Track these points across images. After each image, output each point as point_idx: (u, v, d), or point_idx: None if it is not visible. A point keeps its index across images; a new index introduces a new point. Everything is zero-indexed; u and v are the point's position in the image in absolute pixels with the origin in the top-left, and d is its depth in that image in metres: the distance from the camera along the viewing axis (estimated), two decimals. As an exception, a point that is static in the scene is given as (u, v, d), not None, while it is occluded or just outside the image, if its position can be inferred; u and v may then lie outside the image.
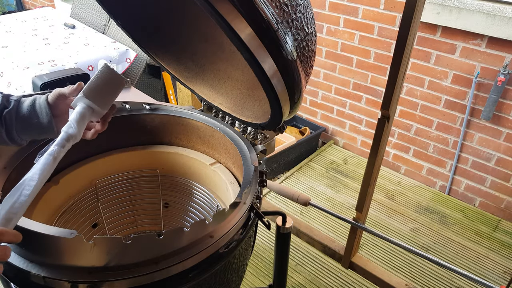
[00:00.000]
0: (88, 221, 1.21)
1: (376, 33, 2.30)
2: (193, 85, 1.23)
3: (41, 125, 0.85)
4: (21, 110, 0.84)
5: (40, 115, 0.84)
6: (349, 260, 1.60)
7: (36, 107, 0.84)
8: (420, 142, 2.42)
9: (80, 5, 3.21)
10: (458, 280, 1.85)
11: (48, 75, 1.61)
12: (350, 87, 2.57)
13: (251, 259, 1.92)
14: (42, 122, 0.84)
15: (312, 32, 0.84)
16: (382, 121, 1.26)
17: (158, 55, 1.21)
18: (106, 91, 0.87)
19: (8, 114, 0.83)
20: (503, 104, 2.02)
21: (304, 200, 1.41)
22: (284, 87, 0.82)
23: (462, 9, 1.94)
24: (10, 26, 2.84)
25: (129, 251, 0.72)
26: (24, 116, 0.84)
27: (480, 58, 2.01)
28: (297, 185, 2.45)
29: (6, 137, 0.84)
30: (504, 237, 2.11)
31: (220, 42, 1.18)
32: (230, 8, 0.68)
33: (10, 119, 0.83)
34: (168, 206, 1.32)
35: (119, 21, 1.12)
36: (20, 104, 0.85)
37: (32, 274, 0.73)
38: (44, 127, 0.85)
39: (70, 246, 0.71)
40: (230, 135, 1.15)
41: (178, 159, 1.27)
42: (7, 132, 0.84)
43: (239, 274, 1.01)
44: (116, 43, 2.61)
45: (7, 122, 0.83)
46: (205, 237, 0.80)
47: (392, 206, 2.31)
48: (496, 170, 2.18)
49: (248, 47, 0.72)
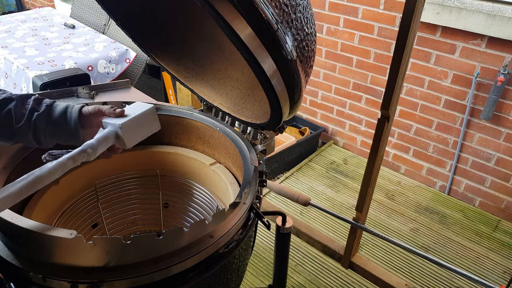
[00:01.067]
0: (88, 221, 1.21)
1: (376, 33, 2.30)
2: (193, 85, 1.23)
3: (67, 132, 0.87)
4: (53, 114, 0.86)
5: (69, 123, 0.86)
6: (349, 260, 1.60)
7: (67, 114, 0.86)
8: (420, 142, 2.42)
9: (80, 5, 3.21)
10: (458, 280, 1.85)
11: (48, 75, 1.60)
12: (350, 87, 2.57)
13: (251, 259, 1.92)
14: (70, 130, 0.86)
15: (312, 32, 0.84)
16: (382, 121, 1.26)
17: (158, 55, 1.21)
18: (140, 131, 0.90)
19: (39, 117, 0.84)
20: (503, 104, 2.02)
21: (304, 200, 1.41)
22: (284, 87, 0.82)
23: (462, 9, 1.94)
24: (10, 26, 2.84)
25: (129, 251, 0.72)
26: (54, 121, 0.85)
27: (480, 58, 2.01)
28: (297, 185, 2.45)
29: (33, 140, 0.86)
30: (504, 237, 2.11)
31: (220, 42, 1.18)
32: (230, 8, 0.68)
33: (40, 122, 0.84)
34: (168, 206, 1.32)
35: (119, 21, 1.12)
36: (52, 108, 0.86)
37: (32, 274, 0.73)
38: (71, 135, 0.87)
39: (70, 246, 0.71)
40: (230, 135, 1.15)
41: (178, 159, 1.27)
42: (35, 135, 0.85)
43: (239, 274, 1.01)
44: (116, 43, 2.61)
45: (37, 125, 0.84)
46: (205, 237, 0.80)
47: (392, 206, 2.31)
48: (496, 170, 2.18)
49: (248, 47, 0.73)
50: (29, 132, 0.84)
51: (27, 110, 0.84)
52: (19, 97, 0.86)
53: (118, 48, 2.53)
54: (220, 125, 1.18)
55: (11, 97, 0.85)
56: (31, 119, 0.84)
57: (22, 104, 0.85)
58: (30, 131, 0.84)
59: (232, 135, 1.14)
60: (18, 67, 2.26)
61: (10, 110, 0.83)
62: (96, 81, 2.39)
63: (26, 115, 0.84)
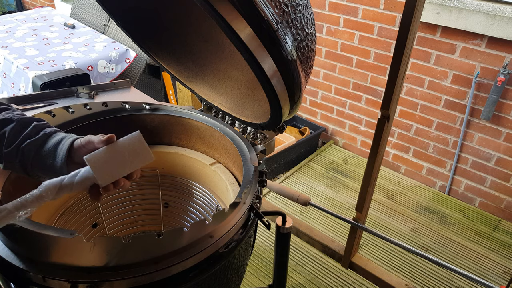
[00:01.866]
0: (88, 221, 1.21)
1: (376, 33, 2.30)
2: (193, 85, 1.23)
3: (53, 167, 0.76)
4: (45, 145, 0.77)
5: (57, 157, 0.75)
6: (349, 260, 1.60)
7: (58, 147, 0.76)
8: (420, 142, 2.42)
9: (80, 5, 3.21)
10: (458, 280, 1.85)
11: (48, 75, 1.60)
12: (350, 87, 2.57)
13: (251, 259, 1.92)
14: (56, 166, 0.76)
15: (312, 32, 0.84)
16: (382, 121, 1.26)
17: (158, 55, 1.21)
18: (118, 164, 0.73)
19: (29, 145, 0.76)
20: (503, 104, 2.02)
21: (304, 200, 1.41)
22: (283, 87, 0.82)
23: (462, 9, 1.94)
24: (10, 26, 2.84)
25: (129, 251, 0.72)
26: (42, 154, 0.76)
27: (480, 58, 2.01)
28: (297, 185, 2.45)
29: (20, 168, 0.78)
30: (504, 237, 2.11)
31: (220, 42, 1.18)
32: (230, 8, 0.68)
33: (29, 151, 0.76)
34: (168, 206, 1.32)
35: (119, 21, 1.12)
36: (48, 138, 0.77)
37: (32, 274, 0.73)
38: (56, 170, 0.76)
39: (70, 246, 0.71)
40: (230, 135, 1.15)
41: (178, 159, 1.27)
42: (22, 164, 0.77)
43: (239, 274, 1.01)
44: (116, 43, 2.61)
45: (25, 153, 0.76)
46: (205, 237, 0.80)
47: (392, 206, 2.31)
48: (496, 170, 2.18)
49: (248, 47, 0.73)
50: (16, 159, 0.76)
51: (21, 135, 0.76)
52: (20, 120, 0.78)
53: (118, 48, 2.53)
54: (220, 125, 1.18)
55: (11, 119, 0.78)
56: (20, 146, 0.75)
57: (20, 128, 0.77)
58: (17, 159, 0.76)
59: (232, 135, 1.14)
60: (18, 67, 2.26)
61: (5, 132, 0.76)
62: (96, 81, 2.39)
63: (18, 140, 0.76)
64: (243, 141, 1.11)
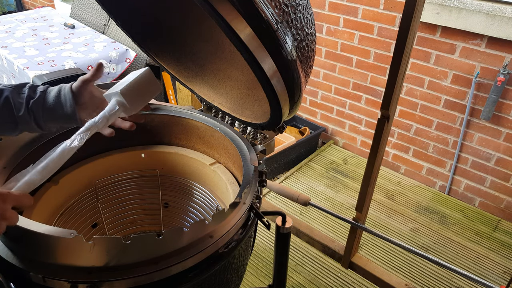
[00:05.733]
0: (88, 221, 1.21)
1: (376, 33, 2.30)
2: (193, 85, 1.23)
3: (65, 115, 0.87)
4: (47, 100, 0.86)
5: (65, 105, 0.86)
6: (349, 260, 1.60)
7: (61, 97, 0.86)
8: (420, 142, 2.42)
9: (80, 5, 3.21)
10: (458, 280, 1.85)
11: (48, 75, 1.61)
12: (349, 87, 2.57)
13: (251, 259, 1.92)
14: (67, 113, 0.87)
15: (311, 32, 0.84)
16: (382, 121, 1.26)
17: (158, 55, 1.21)
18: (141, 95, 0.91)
19: (35, 104, 0.85)
20: (503, 104, 2.02)
21: (304, 200, 1.41)
22: (283, 87, 0.82)
23: (462, 9, 1.94)
24: (10, 26, 2.84)
25: (129, 251, 0.72)
26: (50, 107, 0.86)
27: (480, 58, 2.01)
28: (297, 185, 2.45)
29: (36, 126, 0.87)
30: (504, 237, 2.11)
31: (220, 42, 1.18)
32: (230, 8, 0.68)
33: (37, 109, 0.85)
34: (168, 206, 1.32)
35: (119, 21, 1.12)
36: (46, 94, 0.87)
37: (32, 274, 0.73)
38: (69, 117, 0.87)
39: (70, 246, 0.71)
40: (230, 135, 1.15)
41: (178, 159, 1.27)
42: (36, 122, 0.86)
43: (238, 274, 1.01)
44: (116, 43, 2.61)
45: (35, 112, 0.85)
46: (205, 237, 0.80)
47: (392, 206, 2.31)
48: (496, 170, 2.18)
49: (248, 47, 0.72)
50: (31, 119, 0.85)
51: (24, 99, 0.85)
52: (14, 86, 0.86)
53: (118, 48, 2.53)
54: (220, 125, 1.18)
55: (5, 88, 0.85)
56: (28, 107, 0.84)
57: (17, 93, 0.85)
58: (31, 119, 0.85)
59: (232, 135, 1.14)
60: (18, 67, 2.26)
61: (8, 98, 0.84)
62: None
63: (24, 103, 0.84)
64: (243, 141, 1.11)
